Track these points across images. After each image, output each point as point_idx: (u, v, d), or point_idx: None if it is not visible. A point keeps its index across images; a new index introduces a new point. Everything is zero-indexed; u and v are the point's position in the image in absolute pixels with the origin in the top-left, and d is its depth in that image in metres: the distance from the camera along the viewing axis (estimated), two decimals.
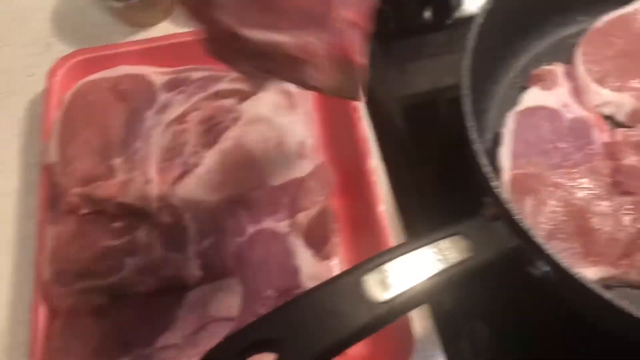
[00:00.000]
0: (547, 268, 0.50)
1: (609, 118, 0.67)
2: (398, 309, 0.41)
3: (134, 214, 0.59)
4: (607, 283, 0.58)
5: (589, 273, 0.57)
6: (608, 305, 0.47)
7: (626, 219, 0.58)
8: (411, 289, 0.42)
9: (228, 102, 0.66)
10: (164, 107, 0.65)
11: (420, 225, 0.63)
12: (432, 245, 0.44)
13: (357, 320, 0.40)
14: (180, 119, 0.64)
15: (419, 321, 0.58)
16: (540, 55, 0.71)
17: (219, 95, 0.66)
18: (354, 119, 0.64)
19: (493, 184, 0.52)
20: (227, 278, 0.57)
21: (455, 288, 0.56)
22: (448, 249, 0.44)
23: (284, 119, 0.67)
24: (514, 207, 0.50)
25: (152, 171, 0.61)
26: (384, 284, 0.42)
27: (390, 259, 0.43)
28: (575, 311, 0.52)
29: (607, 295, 0.47)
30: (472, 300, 0.60)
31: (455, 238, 0.45)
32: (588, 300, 0.48)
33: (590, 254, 0.57)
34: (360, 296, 0.41)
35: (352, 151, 0.63)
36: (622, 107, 0.66)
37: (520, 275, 0.51)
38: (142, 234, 0.58)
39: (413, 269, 0.43)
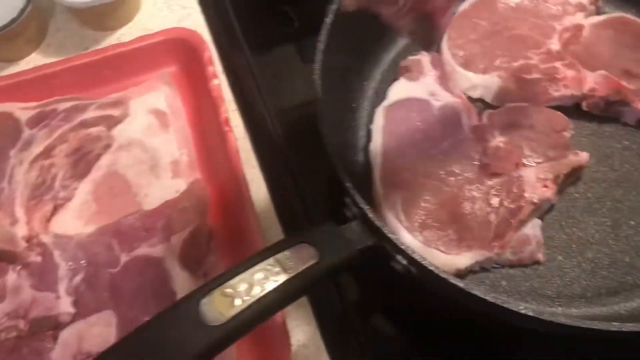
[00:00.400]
0: (405, 262, 0.50)
1: (479, 101, 0.67)
2: (239, 329, 0.41)
3: (1, 258, 0.57)
4: (484, 265, 0.58)
5: (464, 258, 0.57)
6: (464, 293, 0.47)
7: (495, 201, 0.58)
8: (252, 305, 0.41)
9: (96, 130, 0.65)
10: (28, 144, 0.63)
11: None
12: (274, 258, 0.44)
13: (195, 347, 0.40)
14: (47, 153, 0.63)
15: (303, 327, 0.57)
16: (410, 46, 0.71)
17: (86, 124, 0.65)
18: (225, 132, 0.63)
19: (347, 184, 0.52)
20: (102, 311, 0.56)
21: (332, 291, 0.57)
22: (291, 258, 0.44)
23: (156, 139, 0.66)
24: (366, 206, 0.50)
25: (19, 211, 0.60)
26: (224, 305, 0.41)
27: (232, 277, 0.42)
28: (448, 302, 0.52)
29: (460, 283, 0.47)
30: (359, 301, 0.60)
31: (301, 246, 0.45)
32: (447, 290, 0.48)
33: (464, 239, 0.57)
34: (198, 321, 0.40)
35: (226, 165, 0.62)
36: (490, 88, 0.66)
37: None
38: (10, 278, 0.57)
39: (254, 285, 0.42)
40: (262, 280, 0.42)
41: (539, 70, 0.65)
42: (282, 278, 0.43)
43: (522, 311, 0.45)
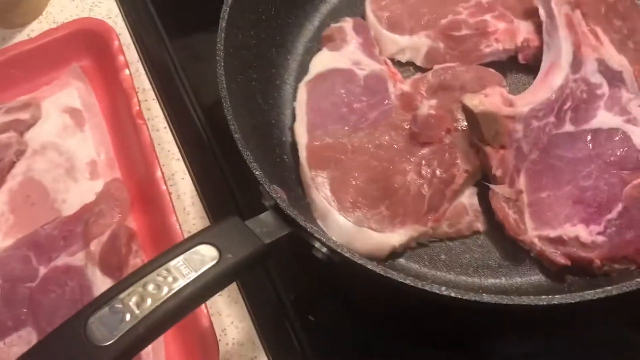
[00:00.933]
0: (325, 249, 0.46)
1: (409, 64, 0.63)
2: (130, 346, 0.38)
3: None
4: (420, 241, 0.55)
5: (398, 235, 0.53)
6: (384, 278, 0.44)
7: (427, 171, 0.55)
8: (144, 320, 0.38)
9: (6, 136, 0.61)
10: None
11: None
12: (165, 266, 0.40)
13: None
14: None
15: (237, 324, 0.55)
16: (335, 12, 0.67)
17: None
18: (138, 125, 0.59)
19: (257, 172, 0.48)
20: (21, 329, 0.53)
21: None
22: (188, 263, 0.41)
23: (72, 140, 0.62)
24: (280, 195, 0.47)
25: None
26: (113, 322, 0.38)
27: (121, 291, 0.39)
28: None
29: (377, 268, 0.44)
30: (295, 294, 0.57)
31: (200, 248, 0.42)
32: (368, 275, 0.45)
33: (397, 215, 0.54)
34: (85, 342, 0.37)
35: (142, 161, 0.58)
36: (418, 50, 0.62)
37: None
38: None
39: (146, 297, 0.39)
40: (155, 291, 0.39)
41: (468, 26, 0.61)
42: (177, 286, 0.40)
43: (445, 292, 0.42)
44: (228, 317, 0.55)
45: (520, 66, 0.61)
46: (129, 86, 0.61)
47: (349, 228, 0.53)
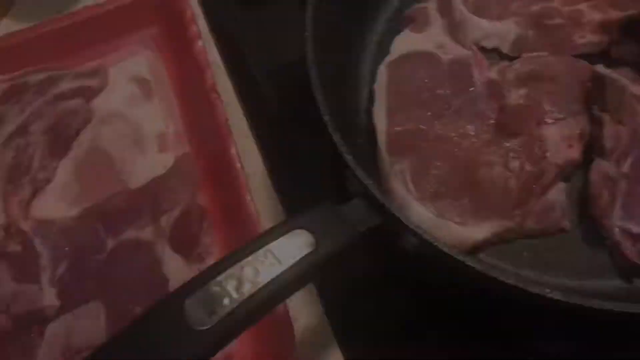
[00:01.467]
0: (415, 241, 0.44)
1: (494, 51, 0.60)
2: (228, 332, 0.36)
3: None
4: (504, 237, 0.53)
5: (482, 230, 0.51)
6: (485, 277, 0.42)
7: (515, 164, 0.53)
8: (242, 304, 0.37)
9: (74, 102, 0.59)
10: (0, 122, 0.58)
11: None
12: (265, 249, 0.39)
13: (181, 355, 0.35)
14: (21, 131, 0.58)
15: (308, 308, 0.53)
16: None
17: (62, 97, 0.59)
18: (212, 100, 0.57)
19: (347, 156, 0.46)
20: (90, 302, 0.52)
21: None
22: (285, 248, 0.39)
23: (139, 110, 0.61)
24: (369, 179, 0.45)
25: None
26: (210, 305, 0.36)
27: (219, 273, 0.38)
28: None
29: (481, 266, 0.42)
30: (367, 284, 0.55)
31: (294, 233, 0.40)
32: (464, 271, 0.43)
33: (481, 209, 0.52)
34: (183, 325, 0.36)
35: (215, 136, 0.56)
36: (506, 37, 0.59)
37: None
38: None
39: (244, 281, 0.37)
40: (253, 275, 0.38)
41: (561, 14, 0.58)
42: (275, 271, 0.38)
43: (548, 295, 0.40)
44: (298, 301, 0.54)
45: (611, 61, 0.58)
46: (202, 58, 0.59)
47: (429, 219, 0.51)
